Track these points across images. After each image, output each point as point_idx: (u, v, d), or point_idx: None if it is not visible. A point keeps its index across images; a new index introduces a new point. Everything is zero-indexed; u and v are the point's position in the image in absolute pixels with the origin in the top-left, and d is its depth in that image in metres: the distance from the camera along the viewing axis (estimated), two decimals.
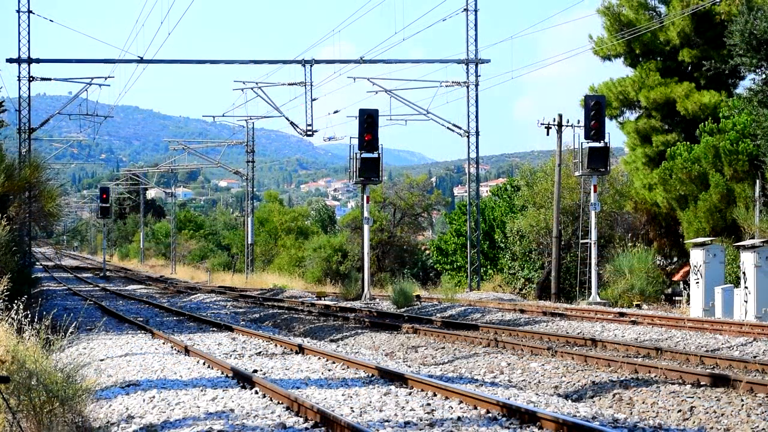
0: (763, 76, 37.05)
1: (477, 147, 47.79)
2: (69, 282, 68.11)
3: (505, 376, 17.15)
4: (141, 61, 44.96)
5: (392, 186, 72.73)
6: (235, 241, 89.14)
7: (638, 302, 37.07)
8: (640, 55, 50.39)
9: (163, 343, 23.42)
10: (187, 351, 20.83)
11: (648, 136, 49.71)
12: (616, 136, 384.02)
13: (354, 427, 10.90)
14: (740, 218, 39.86)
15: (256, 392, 14.61)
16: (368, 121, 38.89)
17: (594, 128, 36.15)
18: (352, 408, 12.93)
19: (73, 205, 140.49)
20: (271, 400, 13.75)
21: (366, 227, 39.99)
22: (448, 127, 48.02)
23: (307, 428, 11.69)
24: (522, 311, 30.75)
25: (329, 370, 17.36)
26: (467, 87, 47.17)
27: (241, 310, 38.17)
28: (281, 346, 22.06)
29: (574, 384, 15.68)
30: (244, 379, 15.76)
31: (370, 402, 13.42)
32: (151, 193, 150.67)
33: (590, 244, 37.60)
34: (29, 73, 44.66)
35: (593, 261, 37.01)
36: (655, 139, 49.20)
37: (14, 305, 13.72)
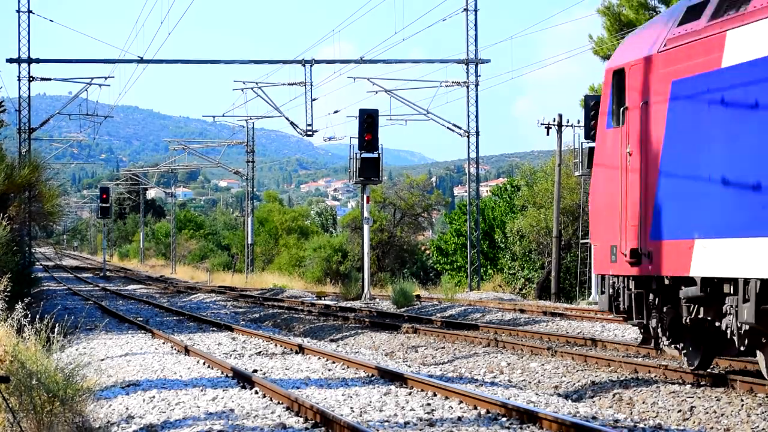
0: None
1: (477, 147, 47.80)
2: (69, 282, 68.15)
3: (505, 376, 17.16)
4: (141, 61, 44.96)
5: (392, 186, 72.75)
6: (235, 241, 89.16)
7: None
8: None
9: (163, 343, 23.43)
10: (187, 351, 20.84)
11: None
12: None
13: (354, 427, 10.91)
14: None
15: (256, 392, 14.62)
16: (368, 121, 38.88)
17: (594, 128, 36.17)
18: (352, 408, 12.94)
19: (73, 205, 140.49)
20: (271, 400, 13.76)
21: (366, 227, 40.00)
22: (448, 127, 48.04)
23: (307, 428, 11.70)
24: (522, 311, 30.76)
25: (329, 370, 17.36)
26: (467, 87, 47.17)
27: (241, 310, 38.17)
28: (281, 345, 22.07)
29: (574, 384, 15.69)
30: (244, 379, 15.77)
31: (370, 402, 13.43)
32: (151, 193, 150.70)
33: (590, 244, 37.61)
34: (29, 73, 44.67)
35: (593, 261, 37.00)
36: None
37: (14, 305, 13.73)
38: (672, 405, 13.27)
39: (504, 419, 11.88)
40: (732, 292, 13.51)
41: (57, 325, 13.18)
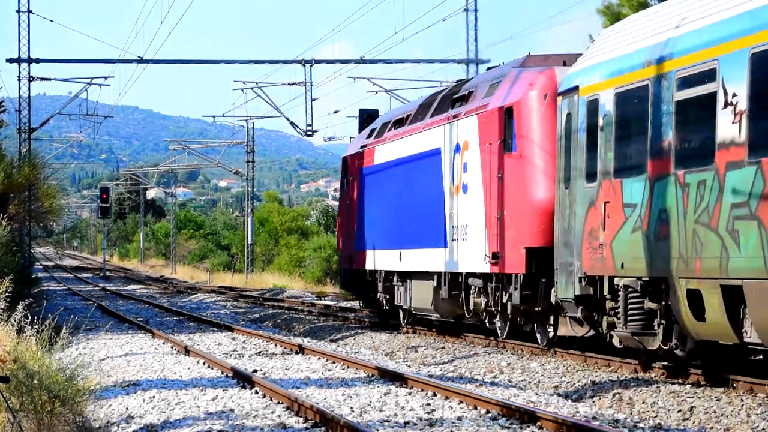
0: None
1: None
2: (69, 282, 68.17)
3: (505, 376, 17.16)
4: (141, 61, 44.94)
5: None
6: (235, 241, 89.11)
7: None
8: None
9: (163, 343, 23.44)
10: (187, 351, 20.85)
11: None
12: None
13: (354, 426, 10.92)
14: None
15: (256, 392, 14.63)
16: (368, 121, 38.73)
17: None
18: (351, 408, 12.94)
19: (73, 205, 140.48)
20: (271, 400, 13.76)
21: None
22: None
23: (306, 428, 11.71)
24: None
25: (329, 370, 17.38)
26: None
27: (241, 310, 38.19)
28: (281, 346, 22.08)
29: (574, 384, 15.69)
30: (244, 379, 15.77)
31: (370, 402, 13.44)
32: (151, 193, 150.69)
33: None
34: (29, 73, 44.64)
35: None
36: None
37: (15, 305, 13.74)
38: (672, 405, 13.27)
39: (504, 419, 11.89)
40: (378, 278, 26.42)
41: (61, 326, 13.19)
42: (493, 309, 20.30)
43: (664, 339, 14.88)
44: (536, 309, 18.79)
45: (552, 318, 18.83)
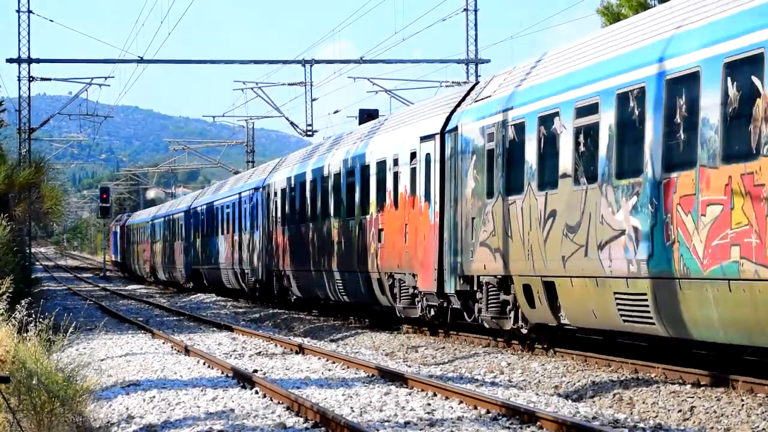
0: None
1: None
2: (69, 282, 68.17)
3: (505, 376, 17.15)
4: (141, 61, 44.91)
5: None
6: None
7: None
8: None
9: (163, 343, 23.44)
10: (187, 351, 20.85)
11: None
12: None
13: (354, 426, 10.92)
14: None
15: (257, 392, 14.62)
16: (368, 121, 38.85)
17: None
18: (352, 408, 12.94)
19: (73, 205, 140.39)
20: (272, 400, 13.76)
21: None
22: None
23: (307, 428, 11.71)
24: None
25: (329, 370, 17.37)
26: None
27: (241, 310, 38.17)
28: (281, 345, 22.08)
29: (574, 384, 15.68)
30: (244, 379, 15.77)
31: (371, 402, 13.43)
32: (151, 193, 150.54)
33: None
34: (29, 73, 44.59)
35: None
36: None
37: (15, 305, 13.74)
38: (672, 405, 13.26)
39: (504, 419, 11.89)
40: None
41: (57, 324, 13.17)
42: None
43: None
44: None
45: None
